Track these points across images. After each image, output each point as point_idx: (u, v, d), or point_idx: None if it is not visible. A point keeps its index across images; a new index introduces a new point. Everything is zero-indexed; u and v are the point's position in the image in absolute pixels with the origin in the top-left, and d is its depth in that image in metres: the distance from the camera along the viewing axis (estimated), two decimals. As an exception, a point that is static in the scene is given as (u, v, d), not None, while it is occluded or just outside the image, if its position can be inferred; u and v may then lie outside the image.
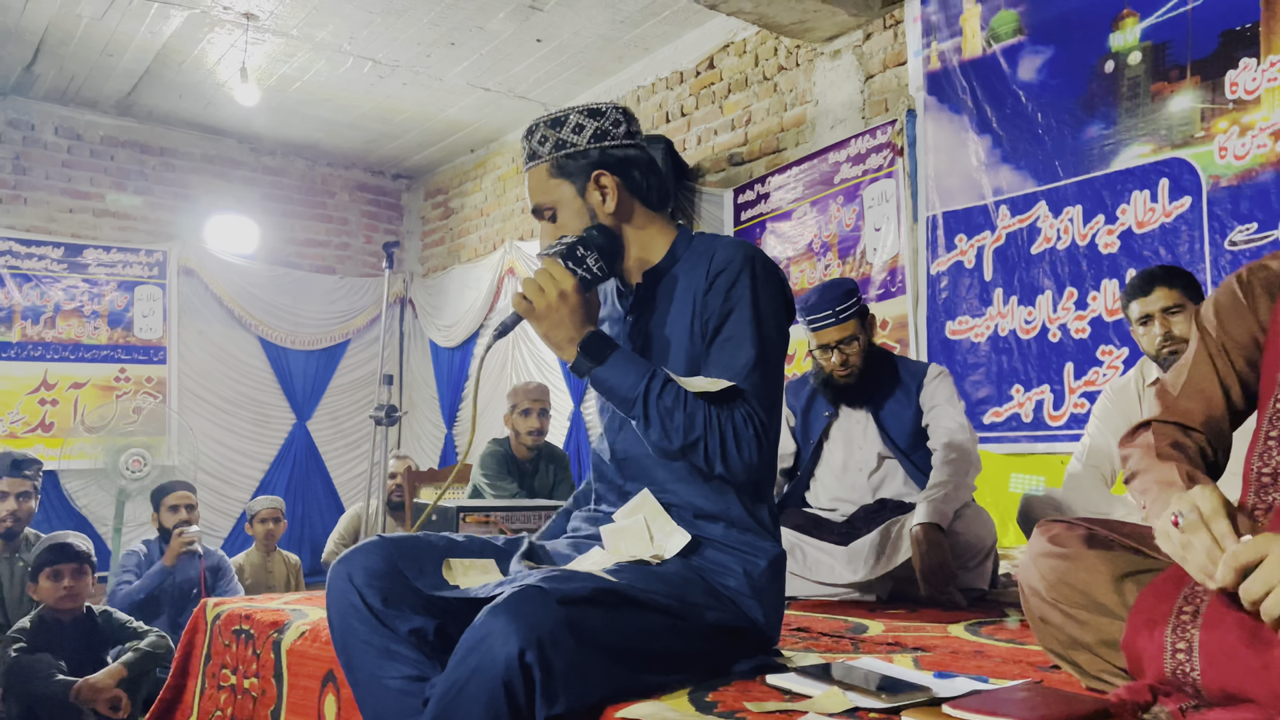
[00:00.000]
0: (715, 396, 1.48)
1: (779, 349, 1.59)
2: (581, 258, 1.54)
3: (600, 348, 1.51)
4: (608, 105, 1.63)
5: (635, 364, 1.51)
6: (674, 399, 1.48)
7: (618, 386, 1.51)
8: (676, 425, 1.47)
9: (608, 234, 1.59)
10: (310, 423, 7.20)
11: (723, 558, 1.56)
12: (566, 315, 1.50)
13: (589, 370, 1.52)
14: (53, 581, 3.30)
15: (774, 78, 4.95)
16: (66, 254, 6.34)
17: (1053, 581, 1.42)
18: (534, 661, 1.20)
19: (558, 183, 1.60)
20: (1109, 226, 3.55)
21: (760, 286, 1.55)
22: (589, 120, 1.60)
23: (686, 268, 1.62)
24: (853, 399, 2.72)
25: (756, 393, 1.52)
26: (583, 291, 1.52)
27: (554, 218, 1.62)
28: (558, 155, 1.60)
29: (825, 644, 1.87)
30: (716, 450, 1.47)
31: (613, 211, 1.61)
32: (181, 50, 5.59)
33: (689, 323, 1.58)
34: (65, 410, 6.23)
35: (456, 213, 7.47)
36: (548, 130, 1.60)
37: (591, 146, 1.60)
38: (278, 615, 2.23)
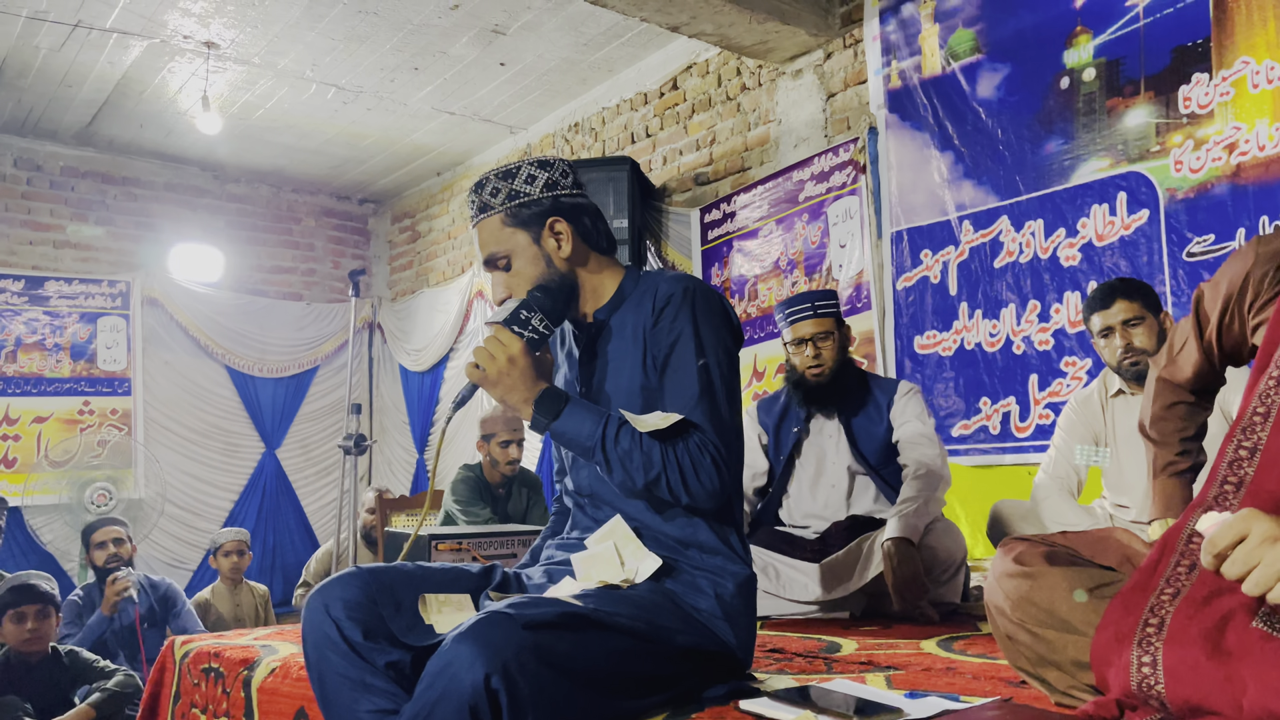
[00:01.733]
0: (668, 431, 1.52)
1: (727, 374, 1.62)
2: (526, 320, 1.59)
3: (554, 403, 1.56)
4: (553, 158, 1.69)
5: (589, 412, 1.56)
6: (630, 440, 1.52)
7: (575, 436, 1.55)
8: (636, 465, 1.52)
9: (550, 293, 1.63)
10: (280, 451, 7.12)
11: (693, 580, 1.57)
12: (518, 378, 1.55)
13: (546, 426, 1.56)
14: (16, 624, 3.25)
15: (737, 97, 5.00)
16: (27, 286, 6.25)
17: (1016, 600, 1.44)
18: (500, 687, 1.20)
19: (512, 231, 1.64)
20: (1070, 240, 3.60)
21: (701, 316, 1.60)
22: (540, 171, 1.65)
23: (633, 305, 1.67)
24: (824, 403, 2.73)
25: (709, 420, 1.56)
26: (531, 353, 1.57)
27: (508, 266, 1.65)
28: (511, 205, 1.64)
29: (799, 665, 1.87)
30: (678, 482, 1.51)
31: (567, 256, 1.66)
32: (142, 80, 5.54)
33: (640, 357, 1.63)
34: (28, 445, 6.13)
35: (424, 236, 7.45)
36: (499, 182, 1.64)
37: (544, 195, 1.64)
38: (247, 652, 2.20)
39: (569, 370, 1.76)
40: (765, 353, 4.72)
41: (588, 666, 1.33)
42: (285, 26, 4.93)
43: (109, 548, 4.20)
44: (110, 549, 4.19)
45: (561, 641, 1.30)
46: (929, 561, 2.49)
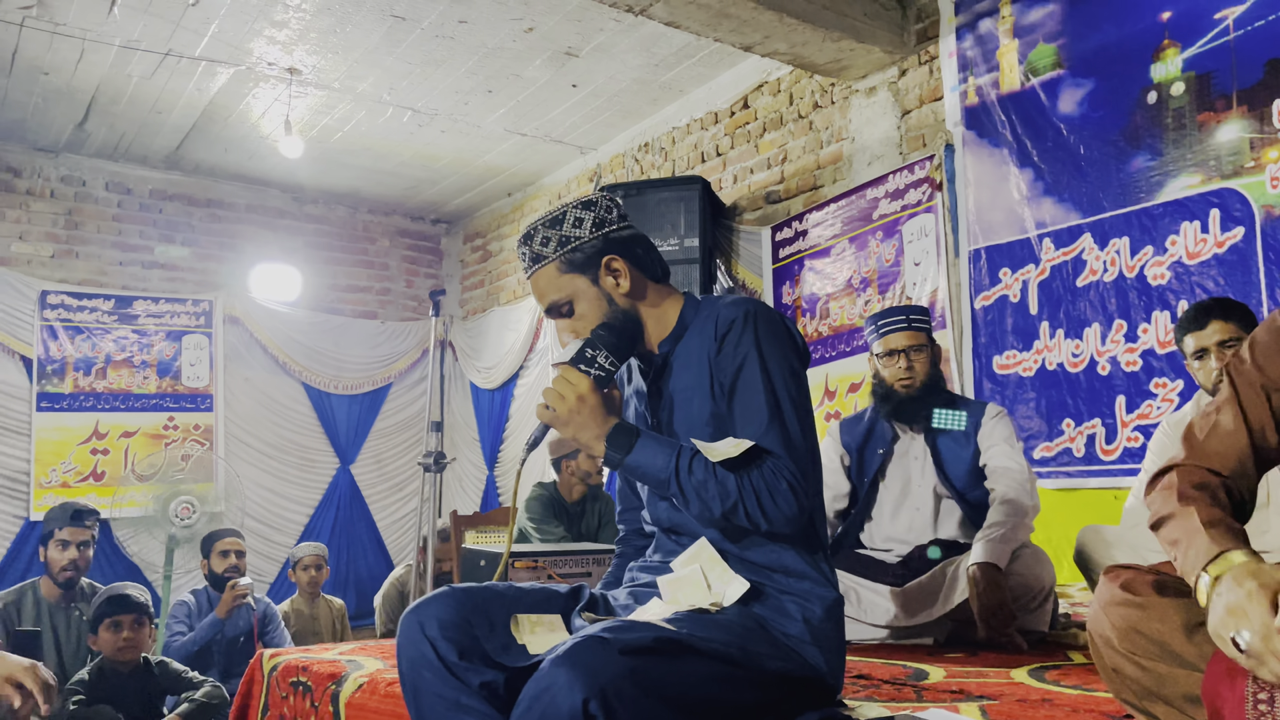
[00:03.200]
0: (741, 458, 1.51)
1: (796, 396, 1.61)
2: (591, 358, 1.60)
3: (626, 437, 1.56)
4: (598, 195, 1.70)
5: (661, 445, 1.56)
6: (704, 471, 1.51)
7: (649, 470, 1.55)
8: (712, 495, 1.51)
9: (613, 329, 1.64)
10: (354, 466, 7.26)
11: (780, 605, 1.55)
12: (588, 416, 1.55)
13: (619, 461, 1.56)
14: (112, 632, 3.34)
15: (809, 115, 4.98)
16: (117, 305, 6.48)
17: (1124, 631, 1.39)
18: (598, 712, 1.20)
19: (570, 278, 1.65)
20: (1158, 258, 3.51)
21: (764, 339, 1.59)
22: (585, 212, 1.66)
23: (696, 332, 1.67)
24: (911, 418, 2.69)
25: (781, 444, 1.54)
26: (599, 390, 1.57)
27: (570, 312, 1.67)
28: (564, 251, 1.65)
29: (888, 692, 1.84)
30: (755, 509, 1.50)
31: (627, 292, 1.67)
32: (227, 105, 5.73)
33: (708, 385, 1.62)
34: (116, 459, 6.34)
35: (495, 255, 7.55)
36: (548, 231, 1.65)
37: (595, 236, 1.66)
38: (335, 666, 2.24)
39: (638, 404, 1.77)
40: (837, 372, 4.68)
41: (683, 693, 1.32)
42: (365, 52, 5.06)
43: (230, 558, 4.33)
44: (231, 559, 4.32)
45: (657, 667, 1.29)
46: (1016, 589, 2.43)
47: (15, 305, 6.14)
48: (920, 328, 2.69)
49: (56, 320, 6.26)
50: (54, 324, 6.25)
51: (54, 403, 6.20)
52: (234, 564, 4.32)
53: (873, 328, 2.74)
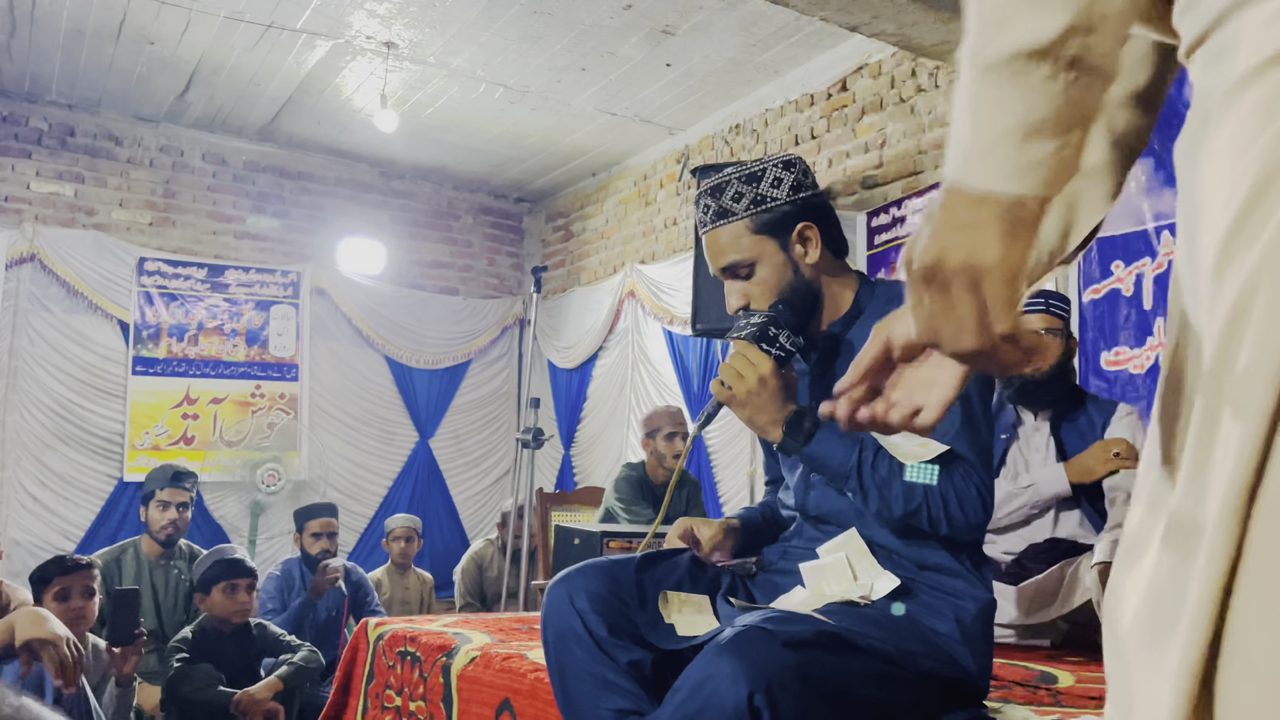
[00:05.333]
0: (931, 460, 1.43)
1: (985, 399, 1.54)
2: (774, 337, 1.52)
3: (806, 425, 1.49)
4: (794, 156, 1.63)
5: (843, 437, 1.48)
6: (889, 468, 1.44)
7: (829, 461, 1.48)
8: (895, 494, 1.44)
9: (794, 306, 1.57)
10: (432, 441, 7.33)
11: (933, 603, 1.49)
12: (768, 399, 1.48)
13: (797, 450, 1.49)
14: (227, 595, 3.42)
15: (911, 99, 4.85)
16: (209, 274, 6.61)
17: None
18: (763, 705, 1.17)
19: (760, 239, 1.58)
20: (1287, 253, 3.34)
21: None
22: (785, 173, 1.59)
23: (872, 316, 1.59)
24: (1035, 401, 2.60)
25: (971, 448, 1.47)
26: (780, 371, 1.50)
27: (749, 275, 1.59)
28: (757, 211, 1.57)
29: (1021, 695, 1.77)
30: (941, 514, 1.43)
31: (814, 263, 1.60)
32: (323, 79, 5.78)
33: None
34: (205, 424, 6.48)
35: (577, 236, 7.54)
36: (743, 186, 1.57)
37: (792, 199, 1.58)
38: (443, 639, 2.24)
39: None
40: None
41: (843, 688, 1.28)
42: (462, 27, 5.06)
43: (323, 540, 4.37)
44: (324, 542, 4.36)
45: (818, 662, 1.26)
46: (1144, 592, 2.33)
47: (114, 271, 6.30)
48: (1057, 313, 2.60)
49: (153, 286, 6.41)
50: (150, 290, 6.40)
51: (148, 367, 6.36)
52: (326, 547, 4.36)
53: None
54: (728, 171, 1.59)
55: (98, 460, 6.19)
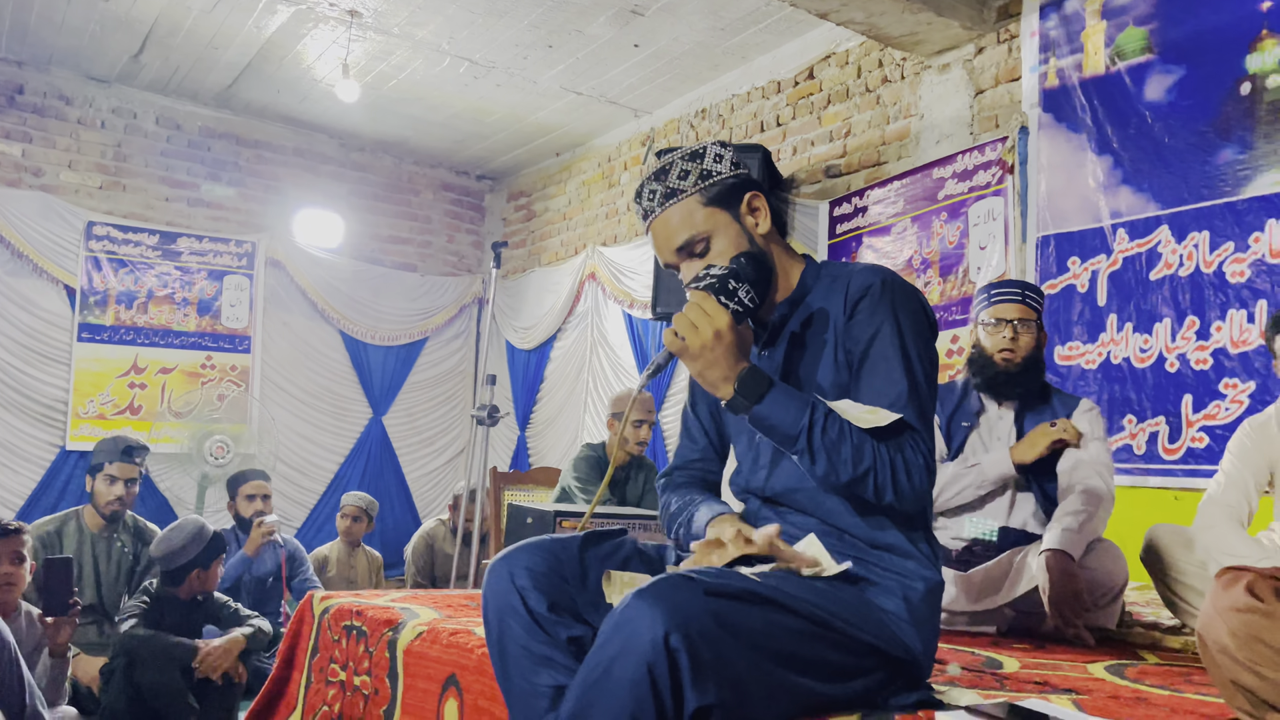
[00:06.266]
0: (878, 428, 1.43)
1: (931, 371, 1.54)
2: (733, 290, 1.48)
3: (758, 385, 1.45)
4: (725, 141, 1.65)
5: (794, 398, 1.45)
6: (839, 432, 1.42)
7: (779, 423, 1.45)
8: (844, 459, 1.42)
9: (756, 262, 1.54)
10: (386, 418, 7.25)
11: (883, 582, 1.50)
12: (722, 354, 1.43)
13: (747, 408, 1.46)
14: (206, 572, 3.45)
15: (877, 90, 4.86)
16: (161, 241, 6.46)
17: (1245, 639, 1.32)
18: (680, 646, 1.16)
19: (712, 212, 1.56)
20: (1238, 255, 3.40)
21: (902, 309, 1.51)
22: (725, 150, 1.60)
23: (821, 296, 1.59)
24: (1002, 392, 2.61)
25: (918, 418, 1.47)
26: (736, 326, 1.46)
27: (705, 251, 1.56)
28: (707, 185, 1.56)
29: (968, 679, 1.78)
30: (888, 481, 1.42)
31: (765, 233, 1.59)
32: (283, 45, 5.66)
33: (832, 352, 1.54)
34: (153, 394, 6.35)
35: (539, 215, 7.48)
36: (688, 164, 1.57)
37: (735, 173, 1.59)
38: (390, 613, 2.21)
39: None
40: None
41: (768, 641, 1.27)
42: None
43: (257, 502, 4.35)
44: (258, 503, 4.34)
45: (742, 613, 1.25)
46: (1089, 583, 2.37)
47: (61, 234, 6.13)
48: (1032, 304, 2.61)
49: (101, 252, 6.25)
50: (98, 255, 6.24)
51: (95, 334, 6.21)
52: (260, 509, 4.33)
53: (984, 296, 2.66)
54: (669, 155, 1.59)
55: (39, 428, 6.03)
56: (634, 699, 1.17)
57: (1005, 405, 2.64)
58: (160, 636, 3.19)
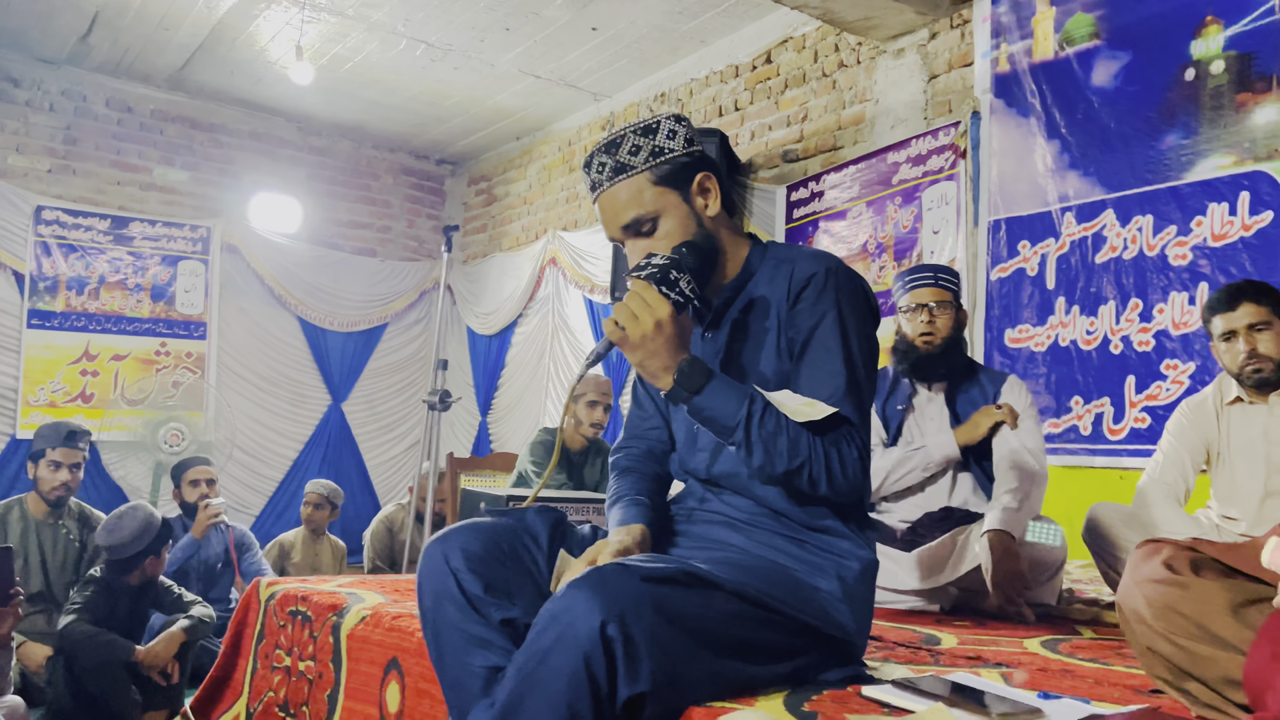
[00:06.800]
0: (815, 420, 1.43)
1: (870, 362, 1.54)
2: (675, 281, 1.46)
3: (697, 376, 1.45)
4: (682, 115, 1.59)
5: (733, 390, 1.45)
6: (775, 424, 1.43)
7: (718, 415, 1.45)
8: (780, 451, 1.42)
9: (698, 252, 1.52)
10: (345, 404, 7.20)
11: (817, 562, 1.51)
12: (662, 344, 1.43)
13: (686, 399, 1.46)
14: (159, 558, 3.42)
15: (833, 74, 4.88)
16: (113, 226, 6.35)
17: (1161, 609, 1.35)
18: (616, 635, 1.17)
19: (661, 191, 1.52)
20: (1181, 238, 3.46)
21: (845, 299, 1.51)
22: (679, 126, 1.55)
23: (765, 280, 1.57)
24: (929, 374, 2.65)
25: (855, 410, 1.48)
26: (677, 317, 1.45)
27: (651, 231, 1.54)
28: (657, 162, 1.52)
29: (904, 655, 1.81)
30: (822, 474, 1.43)
31: (714, 216, 1.56)
32: (236, 26, 5.58)
33: (775, 339, 1.53)
34: (106, 381, 6.26)
35: (499, 200, 7.44)
36: (640, 139, 1.52)
37: (689, 151, 1.55)
38: (335, 598, 2.20)
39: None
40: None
41: (704, 626, 1.28)
42: (382, -21, 4.92)
43: (201, 487, 4.31)
44: (202, 488, 4.30)
45: (678, 597, 1.26)
46: (1029, 560, 2.41)
47: (9, 219, 6.01)
48: (947, 286, 2.64)
49: (51, 237, 6.13)
50: (48, 240, 6.12)
51: (45, 320, 6.10)
52: (205, 493, 4.29)
53: (900, 283, 2.70)
54: (621, 128, 1.55)
55: (-11, 416, 5.93)
56: (570, 689, 1.18)
57: (935, 388, 2.68)
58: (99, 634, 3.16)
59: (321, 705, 2.08)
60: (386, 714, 1.88)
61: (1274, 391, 2.53)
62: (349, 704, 2.00)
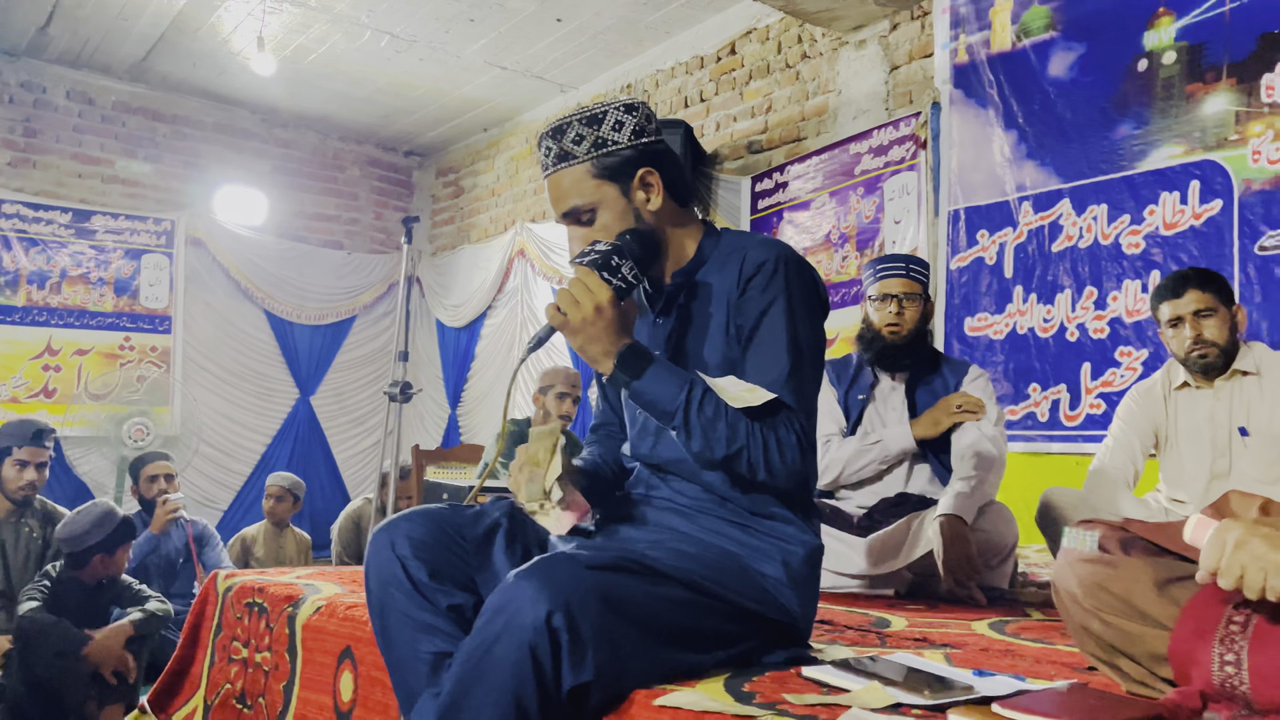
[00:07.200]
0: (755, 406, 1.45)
1: (816, 351, 1.56)
2: (616, 267, 1.47)
3: (638, 361, 1.46)
4: (636, 101, 1.59)
5: (674, 375, 1.47)
6: (715, 409, 1.45)
7: (657, 399, 1.47)
8: (719, 436, 1.44)
9: (641, 239, 1.54)
10: (314, 398, 7.16)
11: (762, 547, 1.53)
12: (603, 329, 1.44)
13: (626, 384, 1.48)
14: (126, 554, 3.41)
15: (796, 66, 4.91)
16: (74, 219, 6.28)
17: (1091, 587, 1.39)
18: (561, 626, 1.19)
19: (600, 184, 1.53)
20: (1134, 227, 3.52)
21: (794, 288, 1.52)
22: (627, 116, 1.54)
23: (716, 267, 1.59)
24: (893, 364, 2.68)
25: (796, 398, 1.49)
26: (618, 303, 1.47)
27: (590, 221, 1.55)
28: (599, 154, 1.52)
29: (852, 637, 1.84)
30: (760, 459, 1.45)
31: (656, 210, 1.57)
32: (198, 17, 5.52)
33: (723, 325, 1.55)
34: (69, 377, 6.19)
35: (467, 192, 7.42)
36: (583, 129, 1.52)
37: (633, 144, 1.54)
38: (291, 590, 2.21)
39: (639, 334, 1.65)
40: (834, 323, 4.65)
41: (649, 614, 1.30)
42: (344, -30, 4.89)
43: (160, 482, 4.28)
44: (161, 484, 4.27)
45: (624, 585, 1.28)
46: (981, 545, 2.45)
47: (-32, 212, 5.93)
48: (917, 278, 2.67)
49: (11, 230, 6.06)
50: (8, 234, 6.05)
51: (5, 315, 6.03)
52: (163, 488, 4.26)
53: (870, 272, 2.72)
54: (569, 114, 1.56)
55: (-51, 412, 5.86)
56: (515, 678, 1.19)
57: (897, 378, 2.71)
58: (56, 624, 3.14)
59: (278, 696, 2.09)
60: (340, 703, 1.89)
61: (1219, 376, 2.58)
62: (304, 694, 2.01)
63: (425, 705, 1.33)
